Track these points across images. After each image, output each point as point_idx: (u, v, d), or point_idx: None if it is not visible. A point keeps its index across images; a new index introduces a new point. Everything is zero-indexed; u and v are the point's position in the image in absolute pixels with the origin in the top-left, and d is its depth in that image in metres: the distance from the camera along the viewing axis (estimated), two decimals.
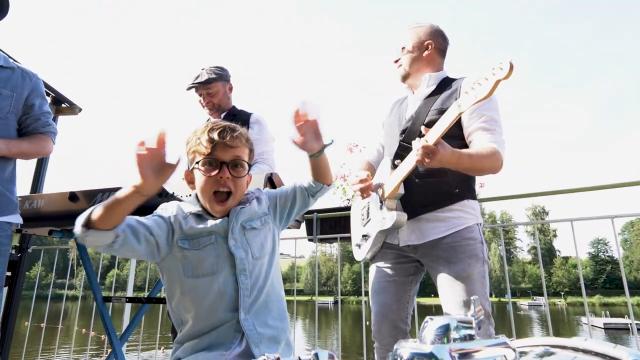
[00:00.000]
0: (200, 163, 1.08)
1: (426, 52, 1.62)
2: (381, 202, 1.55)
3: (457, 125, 1.49)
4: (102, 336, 4.63)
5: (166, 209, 1.13)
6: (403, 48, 1.67)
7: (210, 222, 1.10)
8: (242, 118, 2.27)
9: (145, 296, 1.71)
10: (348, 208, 2.19)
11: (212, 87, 2.31)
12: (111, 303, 1.81)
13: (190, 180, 1.14)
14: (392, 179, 1.50)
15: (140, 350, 3.46)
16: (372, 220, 1.62)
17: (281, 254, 1.50)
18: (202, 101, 2.33)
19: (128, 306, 3.03)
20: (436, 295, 1.46)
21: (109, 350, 3.91)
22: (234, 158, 1.09)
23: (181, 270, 1.07)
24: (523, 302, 52.50)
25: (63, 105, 3.25)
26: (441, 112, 1.38)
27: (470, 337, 0.44)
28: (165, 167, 0.91)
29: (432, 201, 1.50)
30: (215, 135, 1.07)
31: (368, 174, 1.55)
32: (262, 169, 2.06)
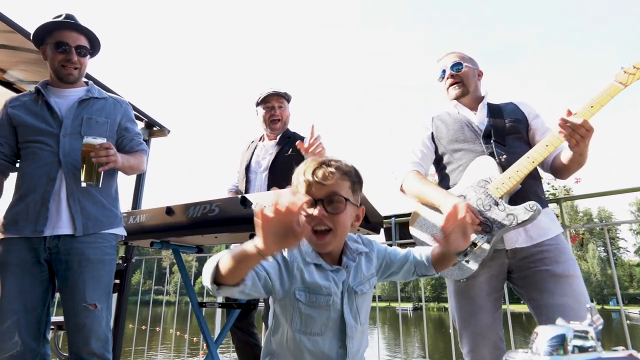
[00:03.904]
0: None
1: (479, 78, 1.83)
2: (493, 200, 1.47)
3: (524, 127, 1.67)
4: (194, 339, 5.00)
5: (289, 250, 1.07)
6: (467, 66, 1.76)
7: (330, 281, 1.07)
8: (296, 140, 2.30)
9: (236, 302, 1.81)
10: None
11: (285, 103, 2.40)
12: (204, 308, 1.95)
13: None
14: (511, 173, 1.46)
15: (230, 352, 3.66)
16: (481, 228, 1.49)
17: None
18: (273, 111, 2.34)
19: (218, 311, 3.25)
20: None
21: (202, 353, 4.20)
22: (329, 194, 1.04)
23: (290, 320, 1.06)
24: (633, 310, 46.23)
25: (154, 128, 3.61)
26: (515, 120, 1.66)
27: (589, 349, 0.40)
28: (290, 234, 0.81)
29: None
30: (309, 175, 1.04)
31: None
32: None
